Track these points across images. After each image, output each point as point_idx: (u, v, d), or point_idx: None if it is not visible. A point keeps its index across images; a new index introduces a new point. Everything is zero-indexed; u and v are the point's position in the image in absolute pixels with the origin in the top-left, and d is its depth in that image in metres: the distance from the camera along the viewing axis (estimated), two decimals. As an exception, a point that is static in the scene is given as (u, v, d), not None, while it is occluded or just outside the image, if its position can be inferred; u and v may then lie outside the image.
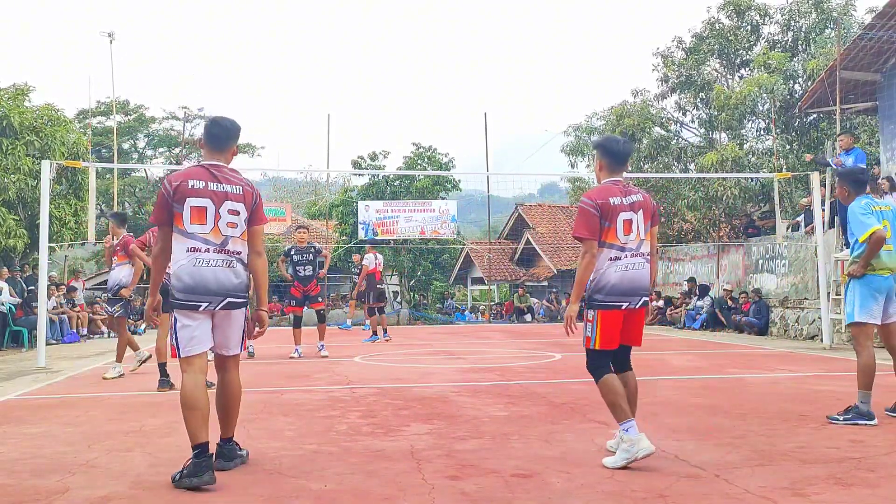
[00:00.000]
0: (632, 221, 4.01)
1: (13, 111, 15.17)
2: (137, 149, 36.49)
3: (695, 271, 19.61)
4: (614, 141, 4.25)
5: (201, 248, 3.78)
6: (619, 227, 3.98)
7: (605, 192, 4.04)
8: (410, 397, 6.46)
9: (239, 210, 3.86)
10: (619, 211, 3.98)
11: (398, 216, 23.78)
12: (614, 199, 4.00)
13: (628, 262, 3.99)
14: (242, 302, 3.93)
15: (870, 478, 3.65)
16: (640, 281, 4.02)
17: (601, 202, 3.98)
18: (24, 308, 13.88)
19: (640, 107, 21.33)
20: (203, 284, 3.76)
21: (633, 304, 4.00)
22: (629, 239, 4.00)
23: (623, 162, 4.19)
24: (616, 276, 3.97)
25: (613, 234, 3.98)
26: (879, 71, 14.65)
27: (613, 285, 3.96)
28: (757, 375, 7.98)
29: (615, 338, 4.02)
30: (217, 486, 3.60)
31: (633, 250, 4.01)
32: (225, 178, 3.86)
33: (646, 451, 3.81)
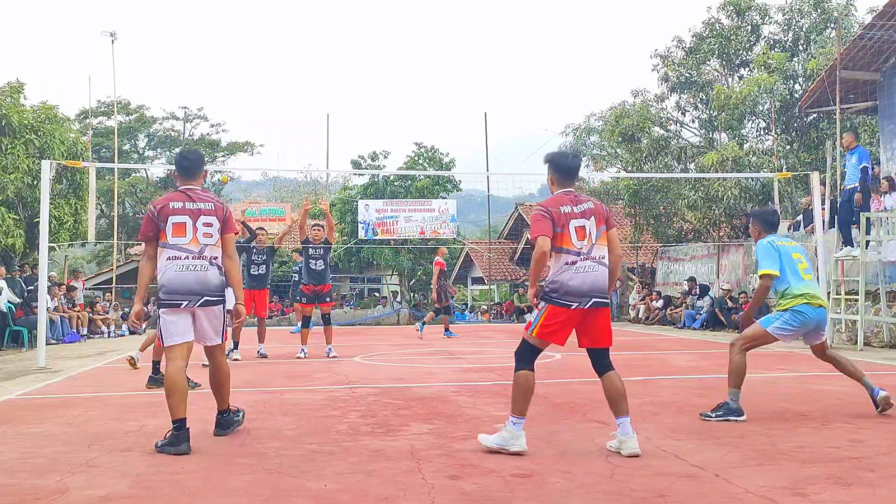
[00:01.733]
0: (584, 227, 4.27)
1: (11, 110, 15.16)
2: (138, 149, 36.51)
3: (695, 271, 19.61)
4: (563, 156, 4.63)
5: (181, 256, 4.53)
6: (571, 233, 4.24)
7: (556, 201, 4.33)
8: (410, 397, 6.46)
9: (212, 223, 4.64)
10: (571, 218, 4.26)
11: (398, 216, 23.77)
12: (565, 208, 4.28)
13: (581, 265, 4.23)
14: (217, 300, 4.65)
15: (870, 478, 3.65)
16: (594, 283, 4.24)
17: (553, 209, 4.26)
18: (23, 308, 13.87)
19: (639, 107, 21.33)
20: (183, 286, 4.51)
21: (582, 304, 4.20)
22: (582, 244, 4.26)
23: (572, 176, 4.48)
24: (568, 278, 4.21)
25: (567, 240, 4.23)
26: (879, 70, 14.65)
27: (566, 286, 4.20)
28: (757, 375, 7.97)
29: (555, 335, 4.24)
30: (217, 486, 3.60)
31: (586, 254, 4.26)
32: (199, 198, 4.66)
33: (518, 448, 4.15)
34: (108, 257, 26.91)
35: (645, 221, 22.20)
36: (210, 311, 4.65)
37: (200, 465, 4.05)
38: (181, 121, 34.58)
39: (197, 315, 4.61)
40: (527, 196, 35.07)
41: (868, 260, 11.37)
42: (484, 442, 4.27)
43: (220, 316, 4.73)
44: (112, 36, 23.30)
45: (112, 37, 23.29)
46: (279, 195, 44.50)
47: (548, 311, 4.24)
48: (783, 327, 5.27)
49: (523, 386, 4.25)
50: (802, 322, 5.25)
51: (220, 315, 4.73)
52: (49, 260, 13.91)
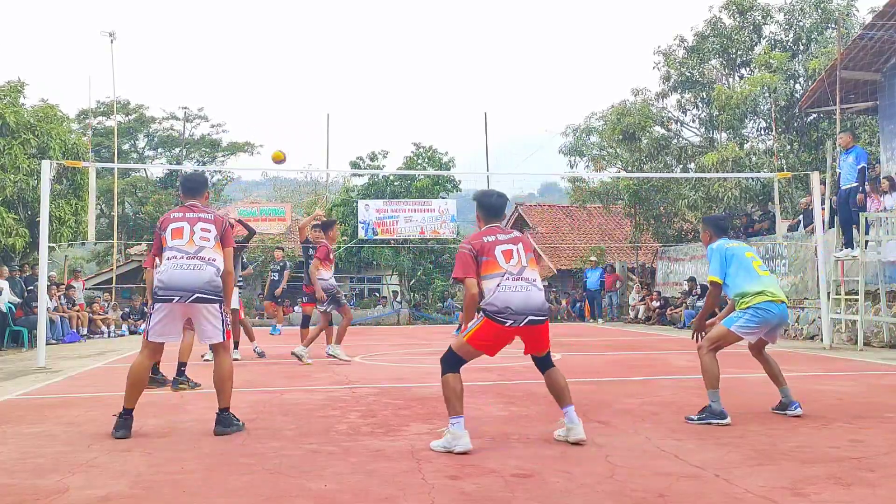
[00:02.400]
0: (511, 250, 4.44)
1: (8, 110, 15.14)
2: (137, 149, 36.50)
3: (695, 271, 19.60)
4: (487, 195, 4.75)
5: (178, 256, 4.84)
6: (498, 257, 4.40)
7: (478, 235, 4.54)
8: (410, 397, 6.46)
9: (210, 229, 4.98)
10: (496, 245, 4.44)
11: (398, 216, 23.75)
12: (488, 238, 4.47)
13: (513, 284, 4.36)
14: (210, 298, 4.85)
15: (870, 477, 3.65)
16: (528, 301, 4.36)
17: (474, 242, 4.46)
18: (23, 308, 13.87)
19: (640, 106, 21.32)
20: (177, 282, 4.78)
21: (518, 323, 4.33)
22: (511, 265, 4.40)
23: (497, 214, 4.69)
24: (504, 298, 4.33)
25: (494, 265, 4.39)
26: (880, 70, 14.66)
27: (502, 305, 4.32)
28: (757, 375, 7.96)
29: (486, 346, 4.42)
30: (217, 486, 3.61)
31: (516, 274, 4.39)
32: (198, 210, 5.06)
33: (462, 447, 4.21)
34: (107, 257, 26.91)
35: (645, 221, 22.19)
36: (205, 308, 4.86)
37: (200, 465, 4.05)
38: (181, 121, 34.55)
39: (192, 313, 4.87)
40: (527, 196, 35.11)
41: (868, 260, 11.37)
42: (433, 447, 4.35)
43: (219, 315, 4.93)
44: (111, 36, 23.31)
45: (111, 37, 23.30)
46: (279, 195, 44.48)
47: (485, 323, 4.35)
48: (746, 325, 5.25)
49: (451, 388, 4.35)
50: (764, 319, 5.24)
51: (218, 314, 4.93)
52: (49, 260, 13.91)
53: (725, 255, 5.37)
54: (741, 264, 5.35)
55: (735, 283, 5.33)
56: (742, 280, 5.31)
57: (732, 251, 5.41)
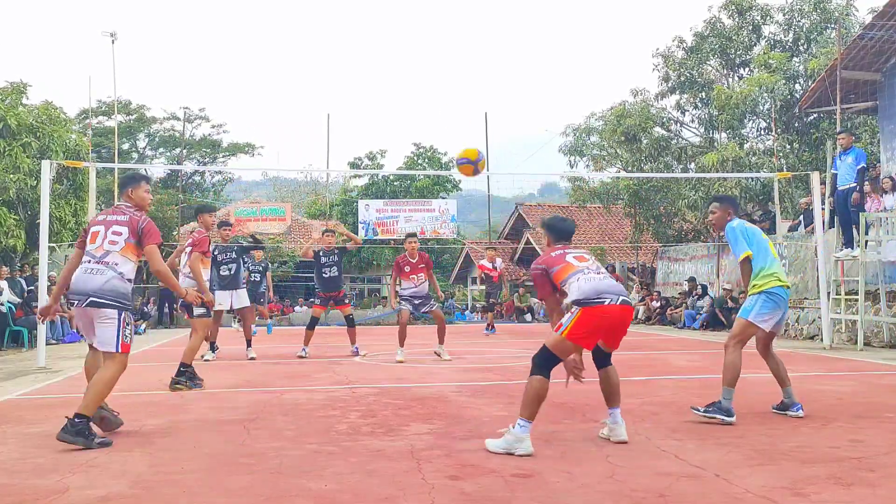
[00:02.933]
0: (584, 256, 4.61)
1: (9, 113, 15.14)
2: (138, 149, 36.52)
3: (695, 271, 19.60)
4: (558, 220, 4.90)
5: (87, 261, 4.85)
6: (570, 260, 4.50)
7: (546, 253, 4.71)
8: (410, 397, 6.46)
9: (121, 232, 4.91)
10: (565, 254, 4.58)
11: (398, 216, 23.79)
12: (555, 252, 4.62)
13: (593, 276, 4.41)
14: (104, 303, 4.71)
15: (870, 477, 3.65)
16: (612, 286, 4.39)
17: (544, 259, 4.62)
18: (24, 308, 13.87)
19: (640, 106, 21.32)
20: (77, 287, 4.79)
21: (615, 301, 4.31)
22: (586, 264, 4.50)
23: (566, 238, 4.79)
24: (590, 285, 4.34)
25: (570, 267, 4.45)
26: (880, 70, 14.66)
27: (592, 290, 4.31)
28: (757, 375, 7.97)
29: (585, 336, 4.31)
30: (217, 486, 3.61)
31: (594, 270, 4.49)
32: (117, 212, 5.05)
33: (524, 451, 4.14)
34: (108, 257, 26.86)
35: (645, 221, 22.19)
36: (99, 312, 4.71)
37: (200, 465, 4.05)
38: (182, 121, 34.56)
39: (89, 316, 4.80)
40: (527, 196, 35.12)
41: (868, 260, 11.36)
42: (490, 447, 4.25)
43: (114, 321, 4.71)
44: (112, 36, 23.29)
45: (112, 37, 23.28)
46: (279, 195, 44.52)
47: (580, 313, 4.26)
48: (761, 312, 5.28)
49: (537, 391, 4.22)
50: (776, 304, 5.29)
51: (114, 322, 4.71)
52: (49, 260, 13.91)
53: (746, 232, 5.37)
54: (760, 243, 5.36)
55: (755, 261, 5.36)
56: (761, 259, 5.33)
57: (752, 229, 5.44)
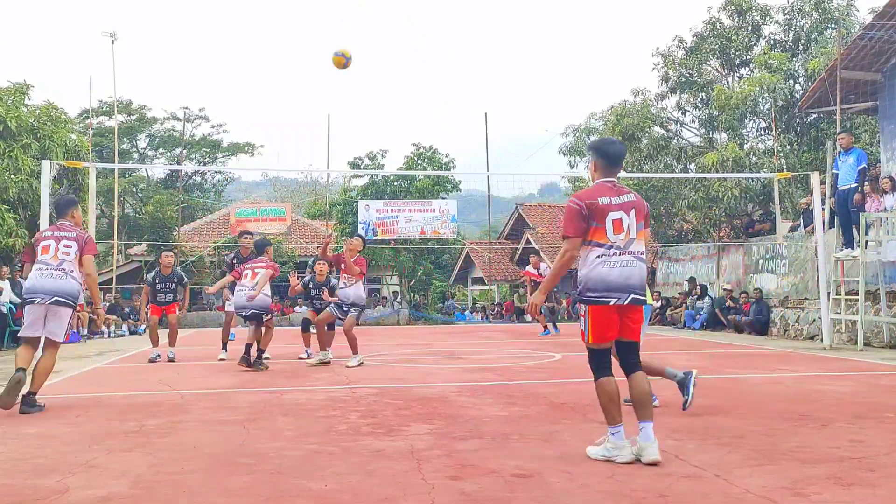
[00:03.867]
0: (622, 220, 4.06)
1: (10, 113, 15.14)
2: (138, 149, 36.51)
3: (695, 271, 19.61)
4: (608, 142, 4.38)
5: (44, 268, 6.07)
6: (608, 226, 4.04)
7: (594, 192, 4.12)
8: (410, 397, 6.46)
9: (71, 245, 6.15)
10: (609, 210, 4.05)
11: (398, 216, 23.79)
12: (603, 199, 4.07)
13: (617, 260, 4.04)
14: (65, 302, 6.04)
15: (870, 478, 3.65)
16: (630, 278, 4.05)
17: (589, 202, 4.06)
18: (24, 308, 13.86)
19: (640, 106, 21.33)
20: (39, 287, 6.03)
21: (621, 300, 4.03)
22: (618, 238, 4.05)
23: (617, 163, 4.26)
24: (604, 273, 4.03)
25: (602, 234, 4.04)
26: (880, 71, 14.66)
27: (602, 281, 4.03)
28: (757, 375, 7.98)
29: (607, 334, 4.07)
30: (217, 486, 3.61)
31: (622, 248, 4.06)
32: (63, 229, 6.25)
33: (625, 458, 3.94)
34: (107, 258, 26.91)
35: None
36: (59, 310, 6.04)
37: (201, 465, 4.05)
38: (182, 121, 34.56)
39: (49, 312, 6.03)
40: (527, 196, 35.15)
41: (868, 260, 11.36)
42: (590, 454, 4.10)
43: (67, 318, 6.12)
44: (112, 36, 23.32)
45: (112, 37, 23.31)
46: (279, 195, 44.52)
47: (592, 312, 4.07)
48: None
49: (604, 393, 4.04)
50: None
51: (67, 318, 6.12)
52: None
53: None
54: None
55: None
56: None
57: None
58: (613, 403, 4.01)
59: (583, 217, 4.04)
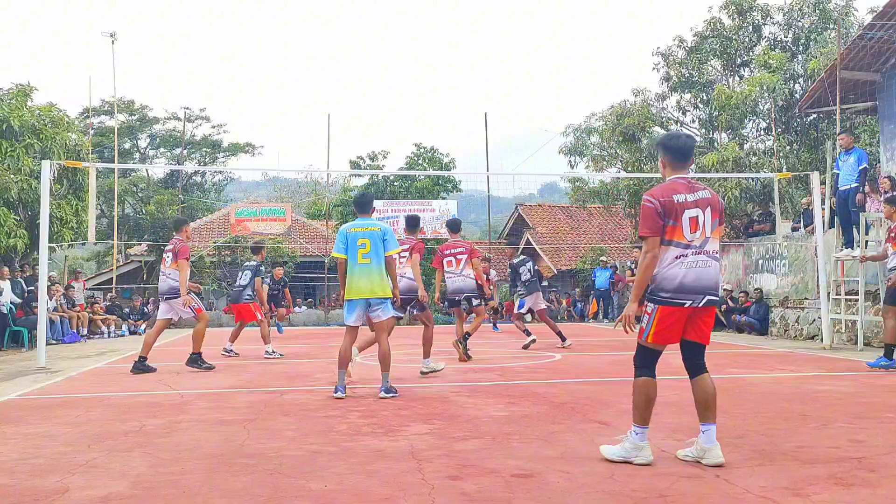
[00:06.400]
0: (697, 219, 3.91)
1: (13, 113, 15.15)
2: (139, 148, 36.51)
3: (695, 271, 19.56)
4: (674, 137, 4.25)
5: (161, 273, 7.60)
6: (684, 224, 3.89)
7: (669, 189, 3.96)
8: (410, 397, 6.46)
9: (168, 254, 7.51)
10: (684, 208, 3.90)
11: (398, 216, 23.77)
12: (679, 196, 3.91)
13: (693, 260, 3.89)
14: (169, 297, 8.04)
15: (870, 478, 3.65)
16: (706, 279, 3.91)
17: (664, 200, 3.90)
18: (24, 308, 13.87)
19: (640, 106, 21.33)
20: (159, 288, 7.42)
21: (696, 303, 3.90)
22: (695, 237, 3.90)
23: (685, 158, 4.10)
24: (680, 274, 3.88)
25: (679, 232, 3.89)
26: (879, 71, 14.65)
27: (677, 283, 3.88)
28: (757, 375, 7.98)
29: (669, 337, 3.98)
30: (217, 487, 3.61)
31: (698, 248, 3.91)
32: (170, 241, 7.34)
33: (644, 460, 3.90)
34: (107, 258, 26.91)
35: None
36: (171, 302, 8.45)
37: (201, 465, 4.05)
38: (182, 121, 34.55)
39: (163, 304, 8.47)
40: (527, 196, 35.10)
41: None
42: (606, 454, 4.03)
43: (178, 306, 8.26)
44: (112, 37, 23.33)
45: (112, 37, 23.33)
46: (279, 195, 44.51)
47: (660, 313, 3.93)
48: None
49: (643, 393, 3.99)
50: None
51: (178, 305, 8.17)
52: (49, 260, 13.91)
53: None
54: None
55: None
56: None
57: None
58: (648, 405, 3.97)
59: (658, 215, 3.88)
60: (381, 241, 6.45)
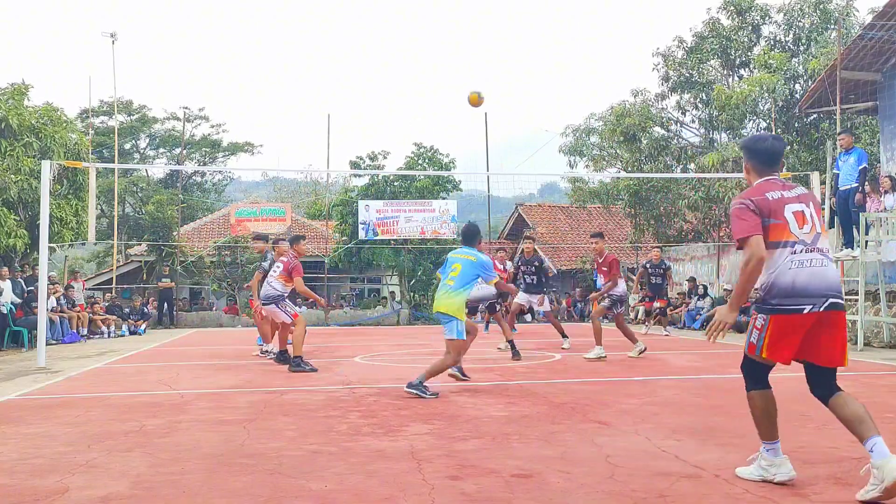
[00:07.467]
0: (804, 213, 3.45)
1: (11, 112, 15.14)
2: (139, 149, 36.53)
3: (695, 271, 19.61)
4: (759, 140, 3.76)
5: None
6: (790, 220, 3.42)
7: (759, 189, 3.54)
8: (410, 397, 6.46)
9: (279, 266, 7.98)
10: (785, 203, 3.45)
11: (398, 216, 23.77)
12: (772, 194, 3.48)
13: (807, 258, 3.41)
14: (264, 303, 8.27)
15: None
16: (824, 279, 3.40)
17: (756, 199, 3.47)
18: (24, 308, 13.87)
19: (640, 107, 21.34)
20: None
21: (817, 307, 3.36)
22: (804, 232, 3.43)
23: (773, 162, 3.64)
24: (792, 276, 3.39)
25: (785, 230, 3.41)
26: (880, 71, 14.66)
27: (790, 286, 3.38)
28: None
29: (788, 348, 3.46)
30: (217, 487, 3.61)
31: (810, 245, 3.43)
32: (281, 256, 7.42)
33: (784, 476, 3.50)
34: (107, 258, 26.90)
35: (645, 222, 22.21)
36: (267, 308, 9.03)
37: (200, 465, 4.05)
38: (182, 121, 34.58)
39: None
40: (527, 196, 35.12)
41: (868, 260, 11.36)
42: (742, 475, 3.64)
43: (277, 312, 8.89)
44: (112, 37, 23.34)
45: (112, 38, 23.33)
46: (279, 195, 44.50)
47: (773, 323, 3.43)
48: None
49: (760, 408, 3.61)
50: None
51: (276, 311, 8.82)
52: (49, 260, 13.90)
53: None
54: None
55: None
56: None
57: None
58: (769, 418, 3.57)
59: (754, 212, 3.43)
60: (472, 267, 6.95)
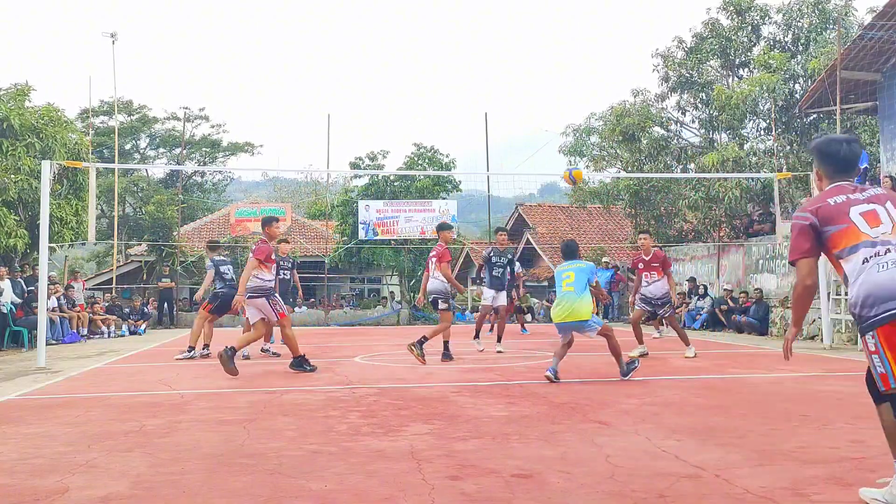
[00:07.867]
0: (875, 212, 3.18)
1: (13, 113, 15.15)
2: (139, 149, 36.54)
3: (695, 271, 19.60)
4: (833, 142, 3.40)
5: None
6: (857, 221, 3.17)
7: (823, 196, 3.31)
8: (410, 397, 6.46)
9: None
10: (849, 205, 3.21)
11: (398, 216, 23.77)
12: (836, 199, 3.25)
13: (885, 260, 3.07)
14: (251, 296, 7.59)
15: (870, 478, 3.64)
16: None
17: (816, 207, 3.25)
18: (24, 308, 13.87)
19: (640, 107, 21.34)
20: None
21: None
22: (879, 231, 3.13)
23: (847, 169, 3.35)
24: (885, 277, 3.04)
25: (854, 233, 3.15)
26: (880, 71, 14.65)
27: (883, 289, 3.03)
28: (757, 375, 7.98)
29: None
30: (217, 487, 3.60)
31: (890, 243, 3.10)
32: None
33: None
34: (107, 258, 26.90)
35: (645, 222, 22.20)
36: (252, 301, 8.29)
37: (200, 465, 4.05)
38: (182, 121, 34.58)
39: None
40: (527, 196, 35.07)
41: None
42: (867, 496, 3.28)
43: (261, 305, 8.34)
44: (113, 37, 23.33)
45: (113, 38, 23.33)
46: (279, 195, 44.50)
47: (883, 338, 3.04)
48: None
49: (892, 423, 3.25)
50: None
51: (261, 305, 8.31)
52: (49, 260, 13.89)
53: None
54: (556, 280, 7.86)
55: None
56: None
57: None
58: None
59: (811, 231, 3.23)
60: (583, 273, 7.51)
